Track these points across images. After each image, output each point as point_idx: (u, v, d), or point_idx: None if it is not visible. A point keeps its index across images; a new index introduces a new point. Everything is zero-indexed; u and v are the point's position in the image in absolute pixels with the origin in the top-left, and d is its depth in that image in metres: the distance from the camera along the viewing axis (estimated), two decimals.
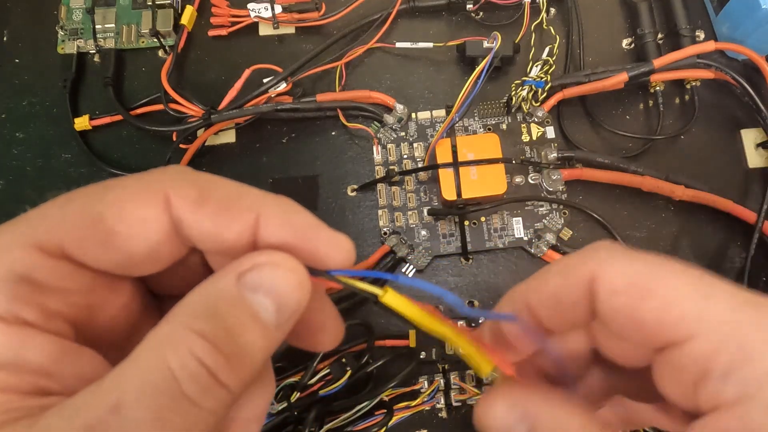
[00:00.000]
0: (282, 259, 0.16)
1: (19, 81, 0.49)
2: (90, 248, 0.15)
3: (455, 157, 0.41)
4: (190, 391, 0.14)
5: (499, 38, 0.44)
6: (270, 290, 0.15)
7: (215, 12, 0.49)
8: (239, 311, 0.15)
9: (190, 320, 0.14)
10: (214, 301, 0.15)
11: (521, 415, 0.18)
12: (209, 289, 0.15)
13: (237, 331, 0.15)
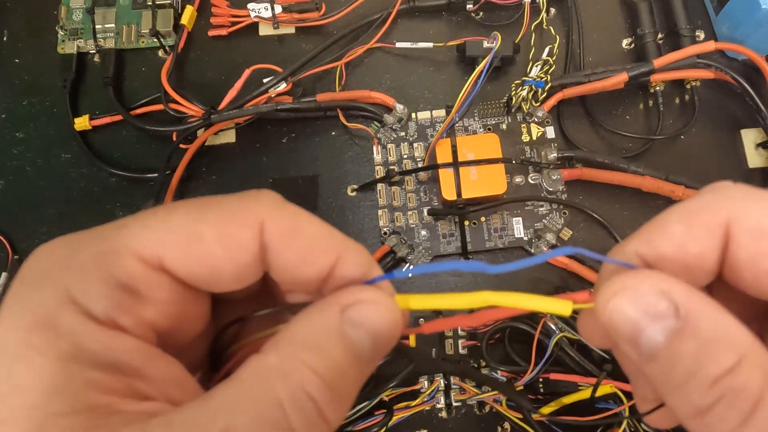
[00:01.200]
0: (383, 299, 0.17)
1: (19, 81, 0.49)
2: (187, 265, 0.16)
3: (455, 157, 0.41)
4: (297, 425, 0.14)
5: (499, 38, 0.44)
6: (370, 328, 0.16)
7: (215, 12, 0.49)
8: (344, 347, 0.15)
9: (299, 352, 0.15)
10: (321, 335, 0.15)
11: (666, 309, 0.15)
12: (315, 320, 0.16)
13: (343, 367, 0.15)
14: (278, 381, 0.14)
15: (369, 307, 0.16)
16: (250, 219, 0.16)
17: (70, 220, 0.45)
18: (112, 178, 0.46)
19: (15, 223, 0.46)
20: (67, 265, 0.15)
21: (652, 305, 0.15)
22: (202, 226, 0.16)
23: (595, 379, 0.36)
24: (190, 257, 0.16)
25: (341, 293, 0.17)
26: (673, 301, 0.15)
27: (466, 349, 0.40)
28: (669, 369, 0.15)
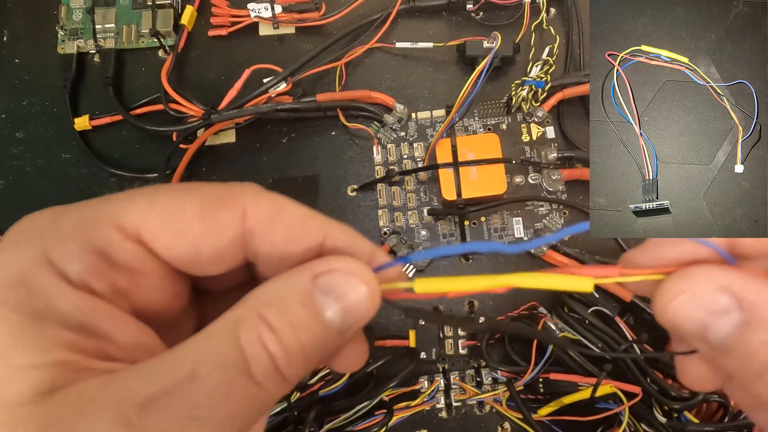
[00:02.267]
0: (358, 269, 0.17)
1: (19, 81, 0.49)
2: (165, 239, 0.16)
3: (455, 157, 0.41)
4: (255, 371, 0.15)
5: (499, 38, 0.44)
6: (340, 296, 0.16)
7: (215, 12, 0.49)
8: (307, 310, 0.16)
9: (262, 308, 0.15)
10: (287, 295, 0.16)
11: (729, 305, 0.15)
12: (285, 282, 0.16)
13: (299, 328, 0.15)
14: (240, 330, 0.15)
15: (341, 276, 0.16)
16: (233, 202, 0.17)
17: None
18: (112, 178, 0.46)
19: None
20: (49, 229, 0.16)
21: (714, 303, 0.16)
22: (186, 203, 0.16)
23: (595, 379, 0.36)
24: (170, 232, 0.16)
25: (318, 261, 0.17)
26: (734, 295, 0.15)
27: (466, 349, 0.40)
28: (744, 361, 0.15)
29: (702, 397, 0.34)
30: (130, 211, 0.16)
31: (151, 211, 0.16)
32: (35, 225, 0.16)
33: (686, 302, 0.16)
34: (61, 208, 0.17)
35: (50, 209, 0.17)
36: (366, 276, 0.17)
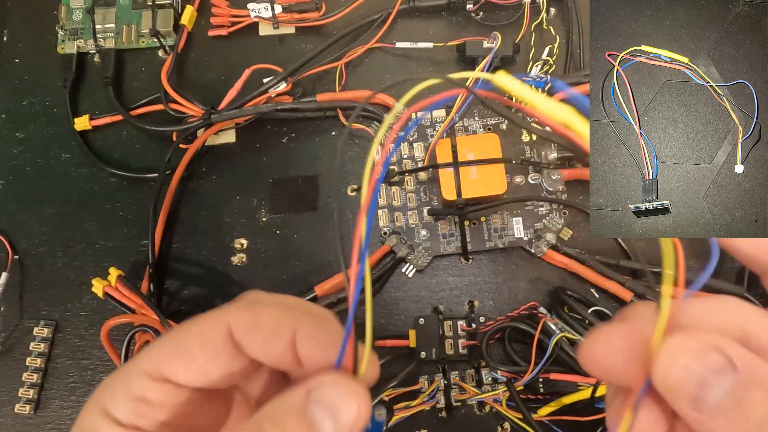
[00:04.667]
0: (342, 381, 0.19)
1: (19, 81, 0.49)
2: (180, 372, 0.20)
3: (455, 157, 0.41)
4: None
5: (499, 38, 0.44)
6: (328, 406, 0.18)
7: (215, 12, 0.49)
8: (299, 421, 0.18)
9: (260, 422, 0.18)
10: (282, 409, 0.19)
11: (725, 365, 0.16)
12: (283, 398, 0.19)
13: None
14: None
15: (328, 389, 0.19)
16: (219, 324, 0.20)
17: (70, 220, 0.45)
18: (112, 178, 0.46)
19: (15, 223, 0.46)
20: (107, 386, 0.20)
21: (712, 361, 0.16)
22: (186, 338, 0.20)
23: (595, 379, 0.36)
24: (182, 365, 0.20)
25: (310, 379, 0.19)
26: (728, 356, 0.16)
27: (467, 349, 0.40)
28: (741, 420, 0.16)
29: None
30: (152, 360, 0.20)
31: (165, 353, 0.20)
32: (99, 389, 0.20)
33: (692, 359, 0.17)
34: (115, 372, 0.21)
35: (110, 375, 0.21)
36: (350, 386, 0.19)
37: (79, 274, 0.44)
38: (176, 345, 0.20)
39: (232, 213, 0.45)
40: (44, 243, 0.45)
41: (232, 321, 0.20)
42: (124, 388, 0.20)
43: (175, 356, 0.20)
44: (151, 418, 0.20)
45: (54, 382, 0.42)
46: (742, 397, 0.16)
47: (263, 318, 0.21)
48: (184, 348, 0.20)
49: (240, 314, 0.21)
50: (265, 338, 0.20)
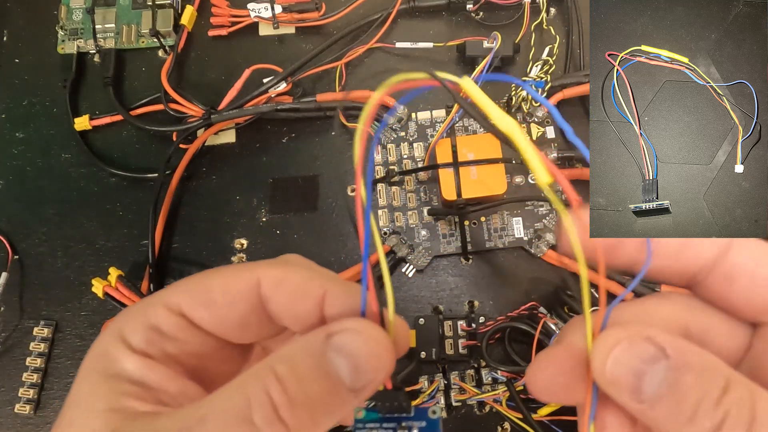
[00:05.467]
0: (366, 328, 0.18)
1: (19, 81, 0.49)
2: (198, 310, 0.20)
3: (455, 157, 0.41)
4: (256, 418, 0.17)
5: (499, 38, 0.44)
6: (349, 354, 0.17)
7: (215, 12, 0.49)
8: (316, 365, 0.18)
9: (274, 362, 0.18)
10: (298, 352, 0.18)
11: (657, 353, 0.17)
12: (300, 341, 0.18)
13: (306, 380, 0.17)
14: (250, 381, 0.17)
15: (350, 335, 0.18)
16: (248, 275, 0.20)
17: (70, 220, 0.45)
18: (112, 178, 0.46)
19: (15, 223, 0.46)
20: (125, 314, 0.21)
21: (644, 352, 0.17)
22: (212, 281, 0.21)
23: None
24: (201, 305, 0.20)
25: (332, 323, 0.18)
26: (659, 345, 0.17)
27: (466, 349, 0.40)
28: (676, 404, 0.17)
29: None
30: (174, 294, 0.21)
31: (188, 290, 0.21)
32: (119, 315, 0.21)
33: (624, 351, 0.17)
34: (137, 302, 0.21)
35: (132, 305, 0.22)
36: (374, 334, 0.18)
37: (79, 274, 0.44)
38: (200, 284, 0.21)
39: (232, 213, 0.45)
40: (44, 243, 0.45)
41: (261, 274, 0.20)
42: (140, 316, 0.20)
43: (196, 295, 0.20)
44: (161, 347, 0.20)
45: (54, 382, 0.42)
46: (675, 383, 0.16)
47: (293, 276, 0.20)
48: (206, 289, 0.20)
49: (271, 269, 0.20)
50: (292, 295, 0.20)
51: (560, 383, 0.19)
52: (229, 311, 0.20)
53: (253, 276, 0.20)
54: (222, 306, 0.20)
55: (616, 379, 0.17)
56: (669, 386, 0.17)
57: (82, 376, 0.20)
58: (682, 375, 0.17)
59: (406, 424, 0.21)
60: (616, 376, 0.17)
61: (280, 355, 0.18)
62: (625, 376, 0.17)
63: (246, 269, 0.21)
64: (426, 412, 0.21)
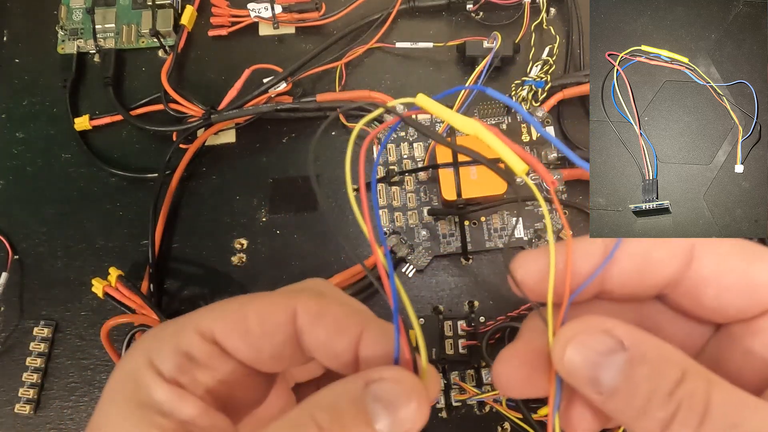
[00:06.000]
0: (407, 379, 0.18)
1: (19, 81, 0.49)
2: (232, 339, 0.20)
3: (455, 157, 0.41)
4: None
5: (499, 38, 0.44)
6: (389, 405, 0.17)
7: (215, 12, 0.49)
8: (357, 414, 0.17)
9: (314, 409, 0.17)
10: (340, 399, 0.18)
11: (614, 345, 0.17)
12: (339, 387, 0.18)
13: (348, 429, 0.17)
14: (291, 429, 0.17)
15: (390, 385, 0.18)
16: (286, 305, 0.20)
17: (70, 220, 0.45)
18: (112, 178, 0.46)
19: (15, 223, 0.46)
20: (154, 337, 0.20)
21: (602, 344, 0.17)
22: (249, 310, 0.20)
23: None
24: (236, 333, 0.20)
25: (372, 369, 0.18)
26: (617, 337, 0.17)
27: (466, 349, 0.40)
28: (630, 396, 0.17)
29: None
30: (207, 319, 0.20)
31: (222, 317, 0.20)
32: (147, 335, 0.20)
33: (579, 346, 0.17)
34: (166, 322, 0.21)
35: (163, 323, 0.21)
36: (414, 386, 0.18)
37: (79, 274, 0.44)
38: (236, 312, 0.20)
39: (232, 213, 0.45)
40: (44, 243, 0.45)
41: (299, 306, 0.20)
42: (171, 340, 0.20)
43: (232, 323, 0.20)
44: (192, 375, 0.19)
45: (54, 382, 0.42)
46: (630, 374, 0.17)
47: (332, 311, 0.20)
48: (243, 318, 0.20)
49: (309, 302, 0.20)
50: (330, 331, 0.20)
51: (523, 376, 0.19)
52: (265, 341, 0.20)
53: (290, 306, 0.20)
54: (258, 336, 0.20)
55: (575, 371, 0.18)
56: (624, 378, 0.17)
57: (108, 401, 0.19)
58: (638, 367, 0.17)
59: None
60: (574, 368, 0.17)
61: (319, 402, 0.18)
62: (582, 368, 0.17)
63: (283, 298, 0.20)
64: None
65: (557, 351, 0.18)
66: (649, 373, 0.17)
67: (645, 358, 0.17)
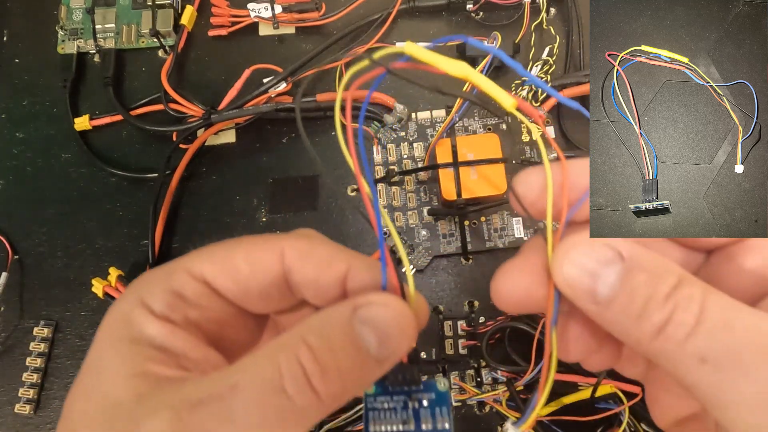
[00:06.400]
0: (393, 302, 0.19)
1: (19, 81, 0.49)
2: (222, 279, 0.20)
3: (455, 157, 0.41)
4: (288, 386, 0.17)
5: (499, 38, 0.44)
6: (375, 327, 0.18)
7: (215, 12, 0.49)
8: (345, 336, 0.18)
9: (304, 333, 0.18)
10: (328, 324, 0.18)
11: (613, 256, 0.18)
12: (328, 313, 0.19)
13: (337, 351, 0.18)
14: (281, 352, 0.18)
15: (377, 308, 0.18)
16: (273, 246, 0.20)
17: (70, 220, 0.45)
18: (112, 178, 0.46)
19: (15, 223, 0.46)
20: (145, 280, 0.21)
21: (601, 255, 0.18)
22: (236, 250, 0.21)
23: (595, 379, 0.36)
24: (225, 273, 0.20)
25: (357, 297, 0.19)
26: (616, 249, 0.18)
27: (466, 349, 0.40)
28: (628, 302, 0.17)
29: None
30: (197, 261, 0.20)
31: (211, 259, 0.20)
32: (138, 280, 0.21)
33: (581, 254, 0.18)
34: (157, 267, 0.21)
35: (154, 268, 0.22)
36: (400, 309, 0.19)
37: (79, 274, 0.44)
38: (225, 254, 0.21)
39: (232, 213, 0.45)
40: (44, 243, 0.45)
41: (286, 246, 0.20)
42: (162, 281, 0.20)
43: (221, 263, 0.20)
44: (183, 313, 0.20)
45: (54, 382, 0.42)
46: (628, 282, 0.17)
47: (319, 249, 0.21)
48: (232, 258, 0.20)
49: (296, 241, 0.21)
50: (317, 268, 0.20)
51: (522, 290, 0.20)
52: (253, 281, 0.20)
53: (277, 246, 0.20)
54: (246, 275, 0.20)
55: (573, 281, 0.18)
56: (622, 285, 0.17)
57: (101, 341, 0.20)
58: (636, 274, 0.17)
59: (416, 396, 0.22)
60: (573, 278, 0.18)
61: (309, 326, 0.18)
62: (580, 277, 0.18)
63: (270, 240, 0.21)
64: (435, 385, 0.22)
65: (556, 263, 0.18)
66: (646, 279, 0.17)
67: (643, 267, 0.17)
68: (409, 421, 0.21)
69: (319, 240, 0.21)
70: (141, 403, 0.18)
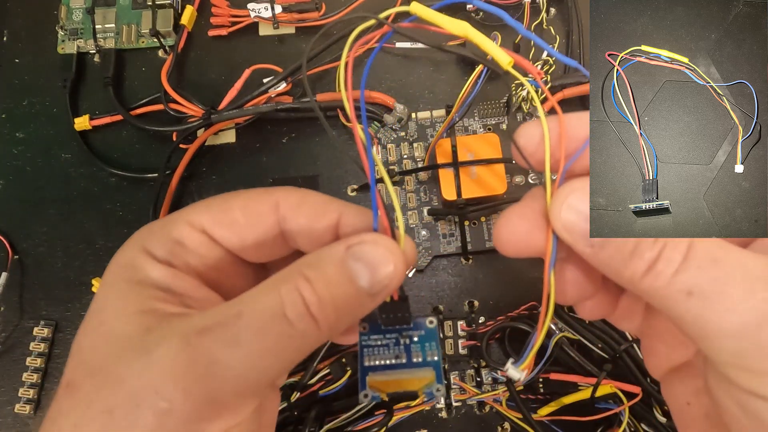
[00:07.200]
0: (384, 241, 0.20)
1: (19, 81, 0.49)
2: (219, 228, 0.22)
3: (455, 157, 0.41)
4: (289, 312, 0.19)
5: (499, 38, 0.44)
6: (368, 262, 0.19)
7: (215, 12, 0.49)
8: (340, 271, 0.19)
9: (302, 267, 0.19)
10: (324, 259, 0.20)
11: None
12: (323, 251, 0.20)
13: (333, 283, 0.19)
14: (282, 283, 0.19)
15: (369, 246, 0.20)
16: (268, 198, 0.22)
17: (70, 220, 0.45)
18: (112, 178, 0.46)
19: (15, 223, 0.46)
20: (147, 230, 0.22)
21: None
22: (233, 202, 0.22)
23: (595, 379, 0.36)
24: (223, 224, 0.22)
25: (350, 236, 0.20)
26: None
27: (466, 349, 0.40)
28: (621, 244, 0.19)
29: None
30: (196, 213, 0.22)
31: (209, 210, 0.22)
32: (139, 231, 0.23)
33: (579, 199, 0.19)
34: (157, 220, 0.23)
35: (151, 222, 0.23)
36: (390, 247, 0.20)
37: (79, 274, 0.44)
38: (222, 205, 0.22)
39: None
40: (44, 243, 0.45)
41: (281, 197, 0.22)
42: (163, 231, 0.22)
43: (219, 214, 0.22)
44: (184, 259, 0.21)
45: (54, 382, 0.42)
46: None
47: (312, 198, 0.22)
48: (229, 209, 0.22)
49: (290, 193, 0.22)
50: (311, 216, 0.22)
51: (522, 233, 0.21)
52: (249, 230, 0.22)
53: (272, 198, 0.22)
54: (243, 225, 0.22)
55: (570, 225, 0.19)
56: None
57: (107, 285, 0.21)
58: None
59: (407, 334, 0.23)
60: (570, 222, 0.19)
61: (306, 262, 0.20)
62: (577, 221, 0.19)
63: (265, 192, 0.22)
64: (424, 323, 0.24)
65: (555, 208, 0.19)
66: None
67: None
68: (401, 356, 0.23)
69: (310, 191, 0.23)
70: (150, 334, 0.19)
